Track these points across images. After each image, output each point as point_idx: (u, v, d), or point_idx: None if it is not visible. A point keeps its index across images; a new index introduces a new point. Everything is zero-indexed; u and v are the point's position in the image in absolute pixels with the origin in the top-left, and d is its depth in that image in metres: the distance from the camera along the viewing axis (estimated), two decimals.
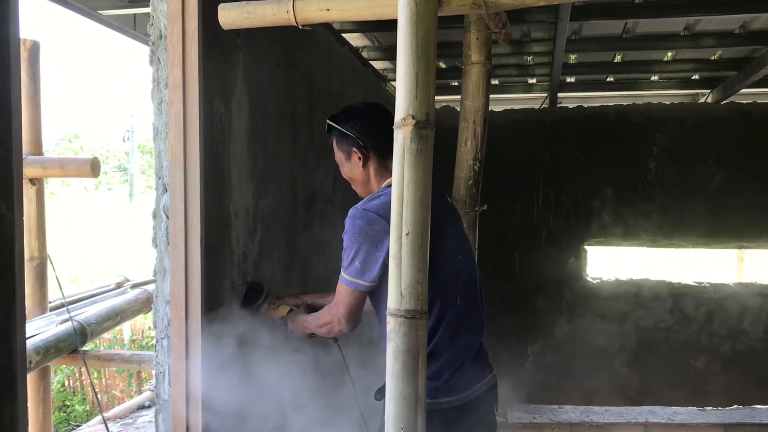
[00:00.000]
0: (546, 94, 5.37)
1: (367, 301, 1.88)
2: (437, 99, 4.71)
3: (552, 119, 5.08)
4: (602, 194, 5.02)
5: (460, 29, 2.49)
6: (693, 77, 5.22)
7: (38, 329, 3.25)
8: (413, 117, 1.46)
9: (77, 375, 7.11)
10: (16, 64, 1.03)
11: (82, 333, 3.30)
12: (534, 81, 5.43)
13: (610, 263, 10.20)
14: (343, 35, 3.84)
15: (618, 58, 4.75)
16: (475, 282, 1.97)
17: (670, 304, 5.11)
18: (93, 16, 3.46)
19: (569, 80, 5.39)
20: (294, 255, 2.62)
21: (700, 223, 4.95)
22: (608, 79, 5.33)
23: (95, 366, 5.18)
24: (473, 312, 1.93)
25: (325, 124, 1.98)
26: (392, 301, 1.50)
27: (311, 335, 2.01)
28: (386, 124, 1.58)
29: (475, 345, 1.93)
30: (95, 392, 4.50)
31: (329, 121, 1.96)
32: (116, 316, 3.73)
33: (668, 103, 5.05)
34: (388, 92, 4.89)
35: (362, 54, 4.39)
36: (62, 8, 3.27)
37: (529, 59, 4.80)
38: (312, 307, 2.08)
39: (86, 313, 3.50)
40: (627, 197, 5.00)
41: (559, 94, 5.36)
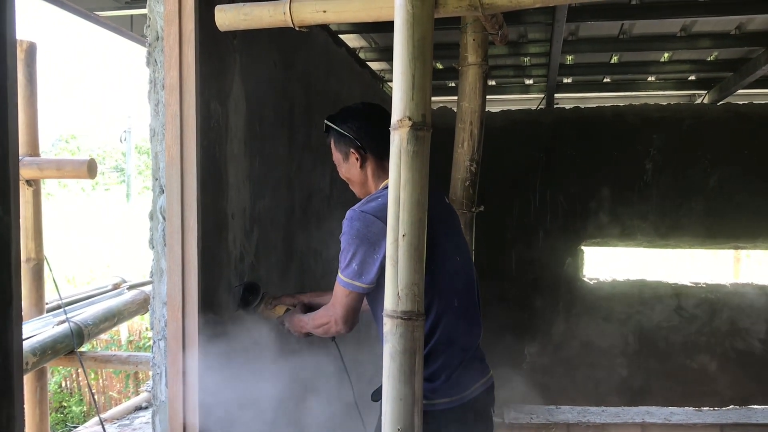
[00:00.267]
0: (543, 95, 5.38)
1: (364, 302, 1.88)
2: (434, 100, 4.73)
3: (549, 120, 5.09)
4: (599, 195, 5.03)
5: (457, 30, 2.49)
6: (689, 78, 5.22)
7: (35, 330, 3.24)
8: (410, 118, 1.46)
9: (74, 376, 7.09)
10: (13, 66, 1.03)
11: (79, 334, 3.30)
12: (531, 82, 5.43)
13: (608, 264, 10.21)
14: (340, 36, 3.84)
15: (615, 59, 4.75)
16: (473, 284, 1.97)
17: (668, 305, 5.12)
18: (90, 17, 3.45)
19: (566, 81, 5.40)
20: (291, 256, 2.62)
21: (697, 224, 4.96)
22: (605, 80, 5.33)
23: (92, 367, 5.17)
24: (471, 314, 1.92)
25: (322, 125, 1.98)
26: (389, 303, 1.50)
27: (308, 335, 2.01)
28: (384, 125, 1.58)
29: (473, 347, 1.92)
30: (92, 393, 4.50)
31: (327, 122, 1.96)
32: (113, 318, 3.73)
33: (665, 104, 5.06)
34: (385, 93, 4.90)
35: (359, 55, 4.39)
36: (59, 9, 3.27)
37: (526, 60, 4.81)
38: (309, 307, 2.08)
39: (83, 315, 3.50)
40: (624, 198, 5.01)
41: (556, 95, 5.37)
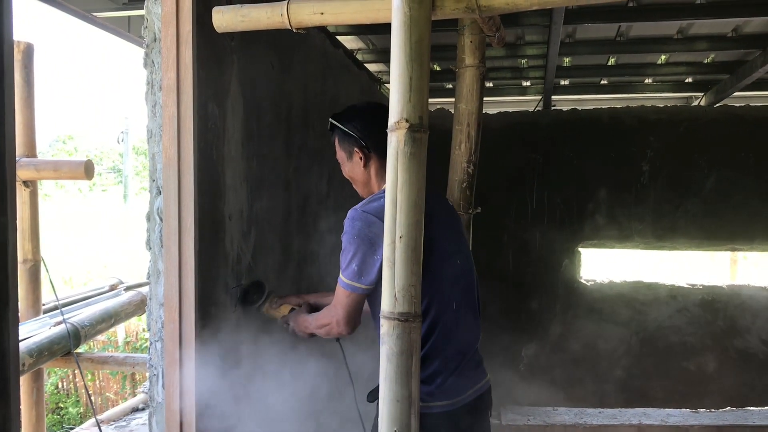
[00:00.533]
0: (540, 97, 5.38)
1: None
2: (431, 101, 4.73)
3: (546, 122, 5.10)
4: (596, 196, 5.04)
5: (455, 32, 2.49)
6: (686, 80, 5.24)
7: (31, 332, 3.24)
8: (407, 120, 1.46)
9: (71, 377, 7.08)
10: (10, 67, 1.03)
11: (76, 335, 3.30)
12: (528, 84, 5.44)
13: (605, 265, 10.22)
14: (338, 38, 3.84)
15: (612, 61, 4.77)
16: (473, 287, 1.97)
17: (665, 306, 5.12)
18: (87, 18, 3.45)
19: (563, 83, 5.41)
20: (288, 257, 2.62)
21: (693, 226, 4.97)
22: (602, 82, 5.35)
23: (89, 368, 5.16)
24: (469, 318, 1.92)
25: (320, 126, 1.98)
26: (386, 304, 1.50)
27: (312, 335, 2.01)
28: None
29: (470, 350, 1.92)
30: (89, 395, 4.49)
31: (332, 120, 1.96)
32: (110, 319, 3.73)
33: (662, 106, 5.07)
34: (383, 95, 4.90)
35: (357, 56, 4.39)
36: (56, 10, 3.26)
37: (523, 62, 4.82)
38: (314, 307, 2.08)
39: (80, 316, 3.50)
40: (620, 199, 5.02)
41: (553, 97, 5.38)
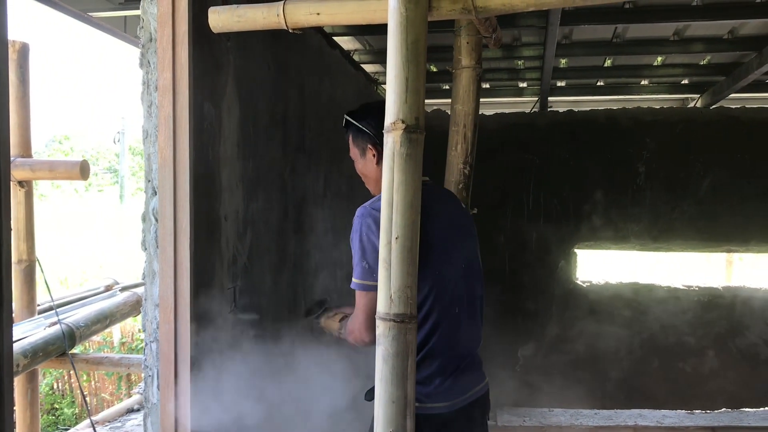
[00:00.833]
0: (536, 98, 5.39)
1: None
2: (428, 102, 4.71)
3: (542, 123, 5.10)
4: (592, 198, 5.04)
5: (451, 33, 2.48)
6: (682, 82, 5.25)
7: (26, 332, 3.23)
8: (403, 121, 1.46)
9: (66, 378, 7.05)
10: (4, 66, 1.03)
11: (71, 336, 3.28)
12: (524, 85, 5.44)
13: (601, 266, 10.24)
14: (334, 38, 3.84)
15: (608, 63, 4.78)
16: (477, 292, 1.95)
17: (660, 307, 5.13)
18: (83, 18, 3.44)
19: (559, 84, 5.42)
20: (284, 258, 2.62)
21: (689, 227, 4.98)
22: (598, 84, 5.36)
23: (84, 369, 5.14)
24: (471, 321, 1.91)
25: (316, 127, 1.98)
26: (381, 305, 1.50)
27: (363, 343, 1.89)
28: None
29: (470, 354, 1.92)
30: (84, 395, 4.47)
31: (347, 117, 1.96)
32: (105, 319, 3.72)
33: (658, 108, 5.08)
34: (380, 95, 4.90)
35: (353, 57, 4.39)
36: (52, 10, 3.26)
37: (520, 63, 4.82)
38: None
39: (75, 316, 3.49)
40: (617, 201, 5.02)
41: (550, 98, 5.38)
